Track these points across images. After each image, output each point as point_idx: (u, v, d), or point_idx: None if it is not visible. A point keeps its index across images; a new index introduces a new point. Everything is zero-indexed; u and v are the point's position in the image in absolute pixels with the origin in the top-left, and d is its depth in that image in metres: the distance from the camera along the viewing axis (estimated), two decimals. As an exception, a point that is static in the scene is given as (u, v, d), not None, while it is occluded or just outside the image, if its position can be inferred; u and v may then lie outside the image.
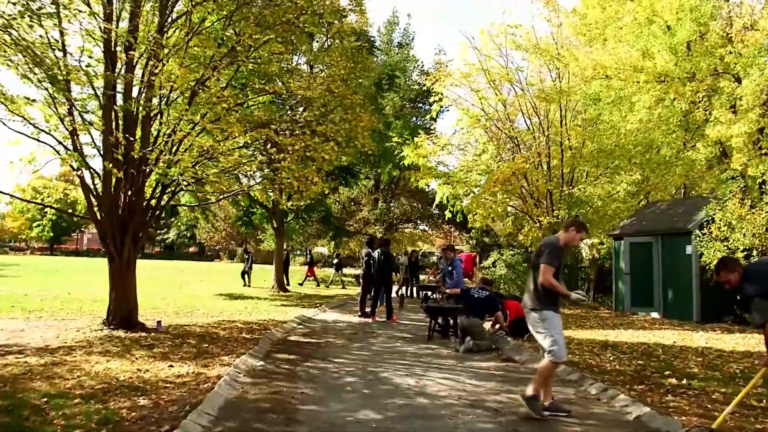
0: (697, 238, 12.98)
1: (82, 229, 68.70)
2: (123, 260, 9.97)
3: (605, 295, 18.34)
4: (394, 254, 19.04)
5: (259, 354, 8.02)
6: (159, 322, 10.19)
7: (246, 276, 23.27)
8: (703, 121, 15.56)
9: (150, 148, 9.39)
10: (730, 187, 12.92)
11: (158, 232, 72.93)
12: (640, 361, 8.14)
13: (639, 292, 15.45)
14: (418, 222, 40.93)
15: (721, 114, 13.79)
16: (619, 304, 16.35)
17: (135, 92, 9.68)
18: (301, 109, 11.03)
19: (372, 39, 24.33)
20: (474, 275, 15.36)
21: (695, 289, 13.79)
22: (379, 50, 31.62)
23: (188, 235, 70.52)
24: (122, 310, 9.94)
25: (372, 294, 13.78)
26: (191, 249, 74.68)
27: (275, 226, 21.49)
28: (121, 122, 9.78)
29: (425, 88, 27.96)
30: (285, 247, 23.75)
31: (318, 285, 24.99)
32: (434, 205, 24.81)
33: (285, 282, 22.21)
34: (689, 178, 19.78)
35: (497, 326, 10.82)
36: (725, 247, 12.24)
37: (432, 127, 33.00)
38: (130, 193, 9.91)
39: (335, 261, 26.35)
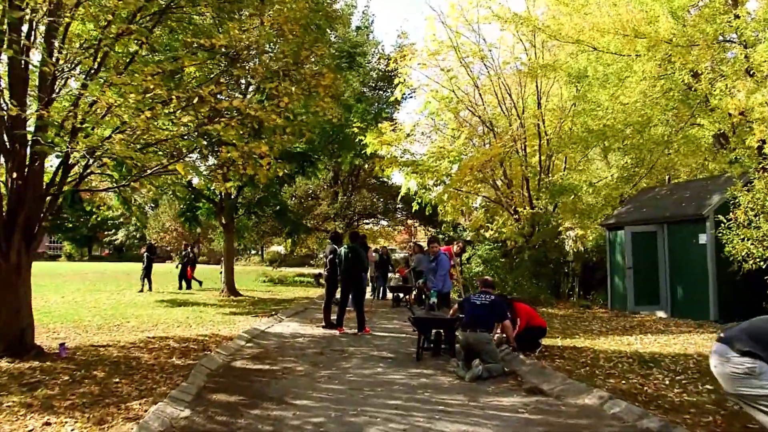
0: (721, 225, 10.97)
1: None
2: (11, 264, 7.49)
3: (597, 292, 16.39)
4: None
5: (185, 395, 5.58)
6: (62, 345, 7.81)
7: (145, 279, 20.11)
8: (704, 97, 13.85)
9: (42, 107, 6.87)
10: (762, 164, 10.96)
11: (106, 233, 69.22)
12: (707, 386, 6.03)
13: (642, 289, 13.52)
14: (380, 217, 38.88)
15: (738, 82, 11.95)
16: (616, 302, 14.42)
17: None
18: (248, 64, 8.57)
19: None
20: (453, 276, 13.01)
21: (712, 284, 11.92)
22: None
23: (137, 235, 67.03)
24: (10, 332, 7.51)
25: (339, 299, 11.49)
26: (142, 250, 70.98)
27: (224, 222, 18.94)
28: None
29: (387, 72, 25.73)
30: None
31: (201, 285, 22.60)
32: (399, 198, 22.47)
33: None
34: (672, 162, 18.03)
35: (498, 335, 8.56)
36: (761, 236, 10.29)
37: (395, 113, 30.99)
38: (16, 175, 7.44)
39: (187, 257, 22.95)
